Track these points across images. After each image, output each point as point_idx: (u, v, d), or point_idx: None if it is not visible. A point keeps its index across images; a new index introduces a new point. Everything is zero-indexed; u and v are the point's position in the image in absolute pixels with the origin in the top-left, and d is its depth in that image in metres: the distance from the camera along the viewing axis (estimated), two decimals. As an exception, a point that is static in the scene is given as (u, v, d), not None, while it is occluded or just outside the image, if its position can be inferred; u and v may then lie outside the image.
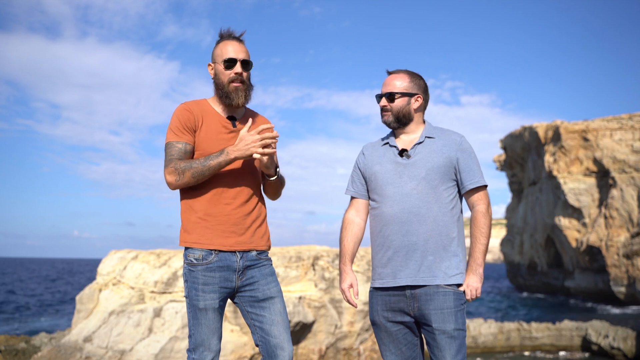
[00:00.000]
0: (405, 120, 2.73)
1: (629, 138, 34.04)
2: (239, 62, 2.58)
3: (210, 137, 2.58)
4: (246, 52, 2.63)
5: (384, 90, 2.75)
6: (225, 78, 2.58)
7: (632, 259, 31.69)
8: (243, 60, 2.59)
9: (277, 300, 2.61)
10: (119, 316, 11.83)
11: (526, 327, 19.76)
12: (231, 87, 2.58)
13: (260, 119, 2.78)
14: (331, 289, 12.46)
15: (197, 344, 2.53)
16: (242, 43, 2.64)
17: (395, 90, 2.71)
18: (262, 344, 2.57)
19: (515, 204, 47.80)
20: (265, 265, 2.65)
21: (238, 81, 2.58)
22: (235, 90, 2.58)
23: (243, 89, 2.59)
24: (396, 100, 2.71)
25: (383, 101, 2.73)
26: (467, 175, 2.65)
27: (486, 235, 2.62)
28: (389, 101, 2.72)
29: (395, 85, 2.72)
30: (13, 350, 15.16)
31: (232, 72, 2.58)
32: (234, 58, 2.57)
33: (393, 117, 2.72)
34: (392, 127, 2.75)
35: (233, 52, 2.58)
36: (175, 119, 2.58)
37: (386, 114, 2.74)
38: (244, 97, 2.61)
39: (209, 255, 2.53)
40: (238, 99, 2.59)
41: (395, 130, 2.78)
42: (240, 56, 2.59)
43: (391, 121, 2.73)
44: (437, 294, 2.57)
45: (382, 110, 2.75)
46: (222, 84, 2.60)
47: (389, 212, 2.64)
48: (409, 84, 2.73)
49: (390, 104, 2.72)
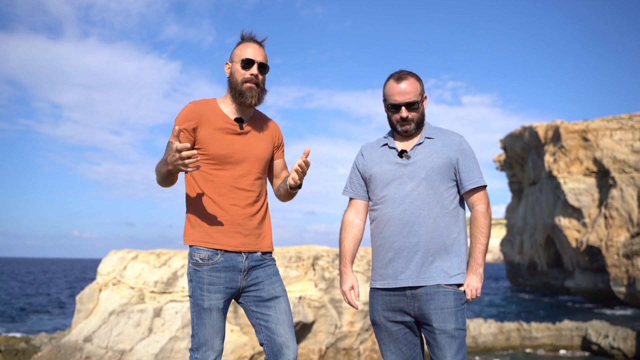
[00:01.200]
0: (421, 125, 2.72)
1: (629, 138, 34.02)
2: (256, 64, 2.61)
3: (214, 137, 2.58)
4: (265, 56, 2.66)
5: (401, 100, 2.66)
6: (240, 77, 2.60)
7: (632, 259, 31.67)
8: (260, 63, 2.62)
9: (282, 299, 2.62)
10: (119, 316, 11.82)
11: (526, 327, 19.76)
12: (245, 86, 2.59)
13: (269, 123, 2.79)
14: (331, 289, 12.46)
15: (201, 343, 2.54)
16: (262, 47, 2.67)
17: (418, 98, 2.67)
18: (267, 342, 2.58)
19: (515, 204, 47.78)
20: (269, 265, 2.66)
21: (253, 82, 2.60)
22: (249, 90, 2.60)
23: (257, 91, 2.61)
24: (419, 109, 2.68)
25: (405, 112, 2.66)
26: (467, 175, 2.65)
27: (486, 235, 2.62)
28: (411, 111, 2.67)
29: (414, 93, 2.67)
30: (13, 350, 15.17)
31: (249, 72, 2.60)
32: (252, 59, 2.60)
33: (415, 125, 2.69)
34: (411, 134, 2.71)
35: (252, 54, 2.61)
36: (178, 118, 2.60)
37: (408, 124, 2.68)
38: (257, 98, 2.62)
39: (214, 256, 2.54)
40: (251, 99, 2.60)
41: (396, 132, 2.77)
42: (259, 59, 2.62)
43: (413, 129, 2.69)
44: (437, 294, 2.57)
45: (403, 120, 2.67)
46: (236, 82, 2.61)
47: (389, 213, 2.64)
48: (420, 88, 2.71)
49: (411, 114, 2.67)
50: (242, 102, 2.61)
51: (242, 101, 2.61)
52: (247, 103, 2.61)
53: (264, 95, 2.67)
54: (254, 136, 2.67)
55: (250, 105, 2.64)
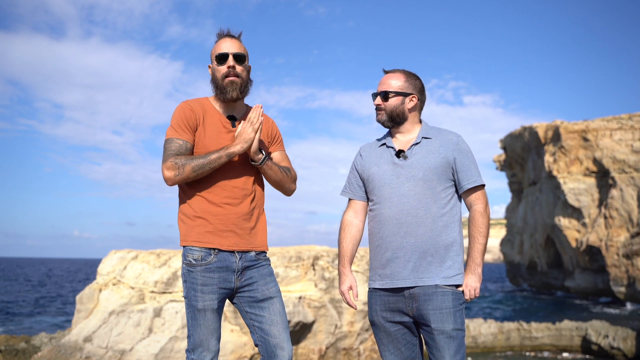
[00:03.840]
0: (399, 119, 2.73)
1: (629, 138, 34.01)
2: (230, 56, 2.57)
3: (210, 135, 2.57)
4: (239, 46, 2.61)
5: (379, 89, 2.75)
6: (219, 74, 2.58)
7: (632, 259, 31.67)
8: (235, 53, 2.57)
9: (276, 300, 2.60)
10: (119, 316, 11.83)
11: (526, 327, 19.75)
12: (226, 81, 2.57)
13: (264, 118, 2.75)
14: (331, 289, 12.46)
15: (196, 344, 2.53)
16: (236, 39, 2.63)
17: (390, 89, 2.71)
18: (261, 343, 2.57)
19: (515, 204, 47.76)
20: (264, 265, 2.64)
21: (232, 75, 2.56)
22: (230, 84, 2.56)
23: (238, 83, 2.57)
24: (390, 99, 2.71)
25: (377, 100, 2.74)
26: (465, 175, 2.65)
27: (484, 234, 2.62)
28: (383, 100, 2.72)
29: (390, 84, 2.72)
30: (13, 350, 15.16)
31: (225, 66, 2.57)
32: (226, 53, 2.56)
33: (387, 116, 2.72)
34: (386, 126, 2.76)
35: (225, 48, 2.58)
36: (177, 116, 2.57)
37: (380, 113, 2.74)
38: (238, 90, 2.58)
39: (208, 256, 2.52)
40: (232, 92, 2.56)
41: (392, 130, 2.77)
42: (232, 50, 2.57)
43: (385, 120, 2.73)
44: (435, 294, 2.57)
45: (376, 109, 2.75)
46: (217, 80, 2.59)
47: (387, 213, 2.64)
48: (404, 84, 2.73)
49: (384, 103, 2.72)
50: (225, 97, 2.58)
51: (224, 97, 2.58)
52: (229, 97, 2.57)
53: (249, 86, 2.63)
54: None
55: (233, 100, 2.59)
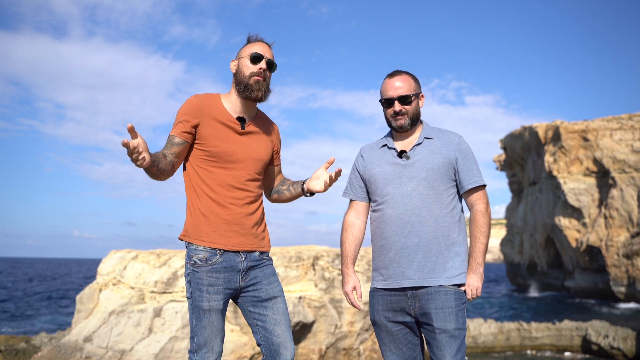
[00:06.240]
0: (416, 121, 2.73)
1: (629, 138, 34.02)
2: (265, 59, 2.60)
3: (216, 135, 2.56)
4: (272, 55, 2.66)
5: (394, 94, 2.68)
6: (248, 71, 2.58)
7: (632, 259, 31.67)
8: (269, 60, 2.62)
9: (279, 299, 2.61)
10: (119, 316, 11.82)
11: (526, 327, 19.75)
12: (252, 79, 2.58)
13: (271, 126, 2.77)
14: (331, 288, 12.45)
15: (200, 345, 2.52)
16: (270, 48, 2.67)
17: (409, 92, 2.68)
18: (264, 343, 2.57)
19: (515, 204, 47.77)
20: (267, 265, 2.65)
21: (260, 76, 2.58)
22: (256, 83, 2.58)
23: (264, 85, 2.60)
24: (412, 102, 2.69)
25: (398, 105, 2.67)
26: (466, 175, 2.65)
27: (486, 234, 2.62)
28: (404, 105, 2.68)
29: (406, 87, 2.69)
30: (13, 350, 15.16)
31: (257, 66, 2.59)
32: (262, 55, 2.60)
33: (409, 120, 2.69)
34: (406, 130, 2.71)
35: (261, 50, 2.61)
36: (179, 111, 2.58)
37: (402, 118, 2.68)
38: (263, 92, 2.60)
39: (213, 256, 2.52)
40: (258, 92, 2.58)
41: (394, 132, 2.77)
42: (268, 55, 2.62)
43: (408, 124, 2.69)
44: (438, 294, 2.57)
45: (397, 115, 2.68)
46: (243, 76, 2.59)
47: (389, 213, 2.64)
48: (415, 85, 2.73)
49: (405, 107, 2.68)
50: (248, 95, 2.58)
51: (248, 95, 2.58)
52: (254, 96, 2.58)
53: (269, 93, 2.65)
54: (254, 137, 2.65)
55: (257, 99, 2.60)
